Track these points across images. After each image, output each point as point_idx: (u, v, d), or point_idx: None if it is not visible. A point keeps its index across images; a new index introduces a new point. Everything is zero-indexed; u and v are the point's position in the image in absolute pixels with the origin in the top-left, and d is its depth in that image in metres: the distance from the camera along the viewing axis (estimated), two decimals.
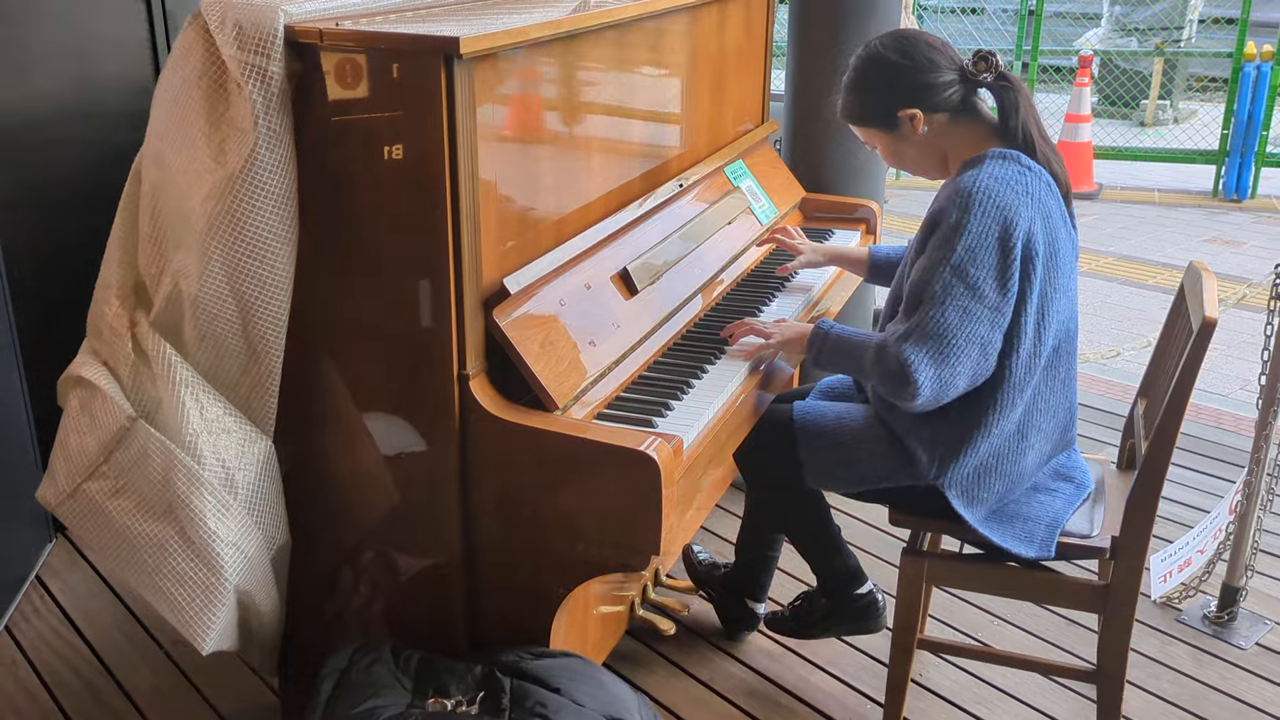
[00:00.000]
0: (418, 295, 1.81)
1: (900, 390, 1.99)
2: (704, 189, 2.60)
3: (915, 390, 1.96)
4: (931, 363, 1.95)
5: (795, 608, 2.55)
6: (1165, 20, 8.95)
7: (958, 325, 1.94)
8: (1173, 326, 2.32)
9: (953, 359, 1.95)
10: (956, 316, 1.94)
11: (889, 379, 2.00)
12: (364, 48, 1.71)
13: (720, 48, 2.70)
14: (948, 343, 1.94)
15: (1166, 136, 8.07)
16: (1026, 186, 1.96)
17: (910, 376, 1.95)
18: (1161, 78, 8.87)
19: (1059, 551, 2.15)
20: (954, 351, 1.95)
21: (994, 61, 2.03)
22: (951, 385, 1.97)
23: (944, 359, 1.95)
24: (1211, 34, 9.14)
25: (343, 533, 2.05)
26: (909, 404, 2.01)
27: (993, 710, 2.50)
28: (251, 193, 1.75)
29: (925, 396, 1.97)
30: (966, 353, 1.95)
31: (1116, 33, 9.17)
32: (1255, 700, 2.53)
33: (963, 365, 1.96)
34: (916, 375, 1.95)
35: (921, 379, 1.95)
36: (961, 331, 1.94)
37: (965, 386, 2.00)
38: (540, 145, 2.00)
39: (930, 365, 1.95)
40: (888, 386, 2.02)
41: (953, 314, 1.94)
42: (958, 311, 1.94)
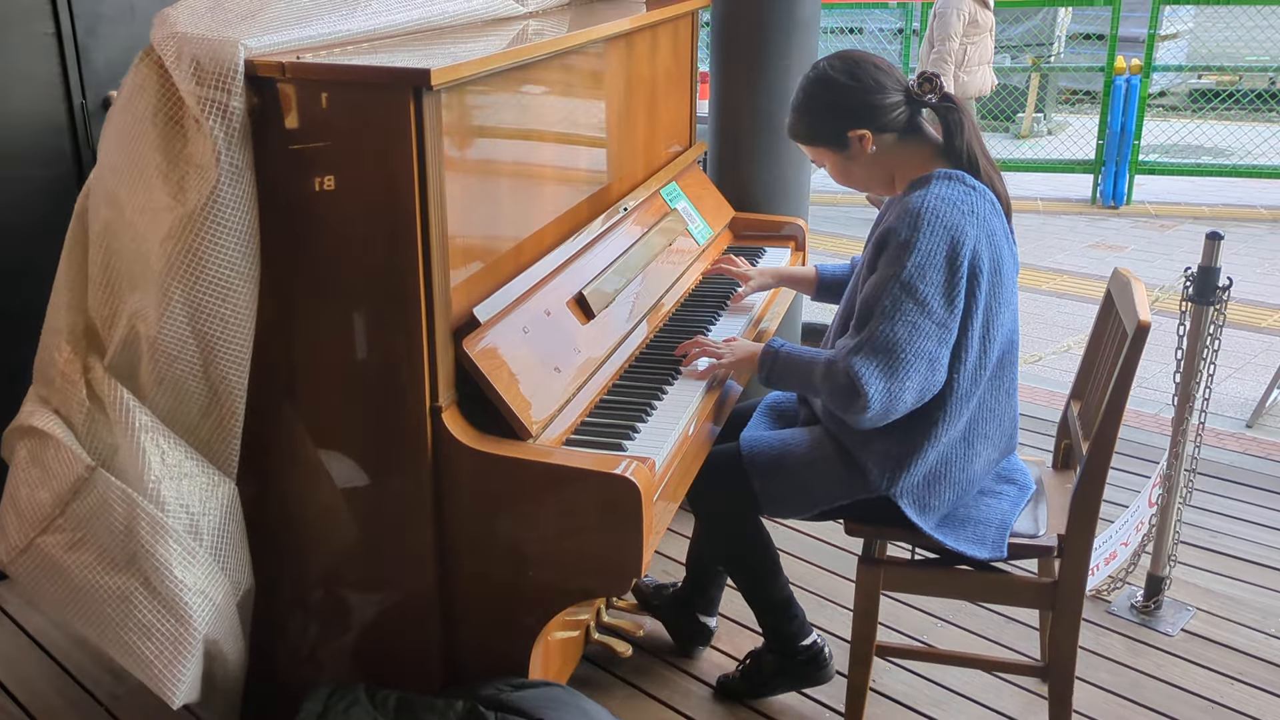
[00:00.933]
0: (387, 328, 1.79)
1: (850, 404, 2.03)
2: (644, 212, 2.63)
3: (865, 403, 2.00)
4: (881, 376, 2.00)
5: (745, 668, 2.58)
6: (1036, 37, 9.37)
7: (906, 340, 2.00)
8: (1102, 331, 2.43)
9: (901, 373, 2.00)
10: (905, 331, 2.00)
11: (838, 393, 2.05)
12: (330, 81, 1.69)
13: (653, 72, 2.74)
14: (896, 357, 2.00)
15: (1043, 148, 8.44)
16: (972, 206, 2.04)
17: (860, 389, 2.00)
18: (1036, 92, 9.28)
19: (1010, 552, 2.23)
20: (902, 365, 2.00)
21: (938, 83, 2.10)
22: (899, 399, 2.01)
23: (893, 373, 2.00)
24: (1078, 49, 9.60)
25: (310, 573, 2.01)
26: (858, 417, 2.05)
27: (947, 711, 2.56)
28: (214, 230, 1.71)
29: (874, 410, 2.01)
30: (915, 367, 2.01)
31: None
32: (1187, 684, 2.65)
33: (911, 380, 2.01)
34: (866, 388, 1.99)
35: (871, 392, 1.99)
36: (910, 346, 2.00)
37: (913, 401, 2.04)
38: (499, 173, 2.00)
39: (880, 379, 2.00)
40: (837, 401, 2.06)
41: (901, 329, 2.00)
42: (906, 326, 2.00)
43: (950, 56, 6.36)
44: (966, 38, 6.42)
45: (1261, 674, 2.67)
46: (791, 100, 2.21)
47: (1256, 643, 2.79)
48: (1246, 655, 2.75)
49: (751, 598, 2.51)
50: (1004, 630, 2.85)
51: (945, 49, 6.37)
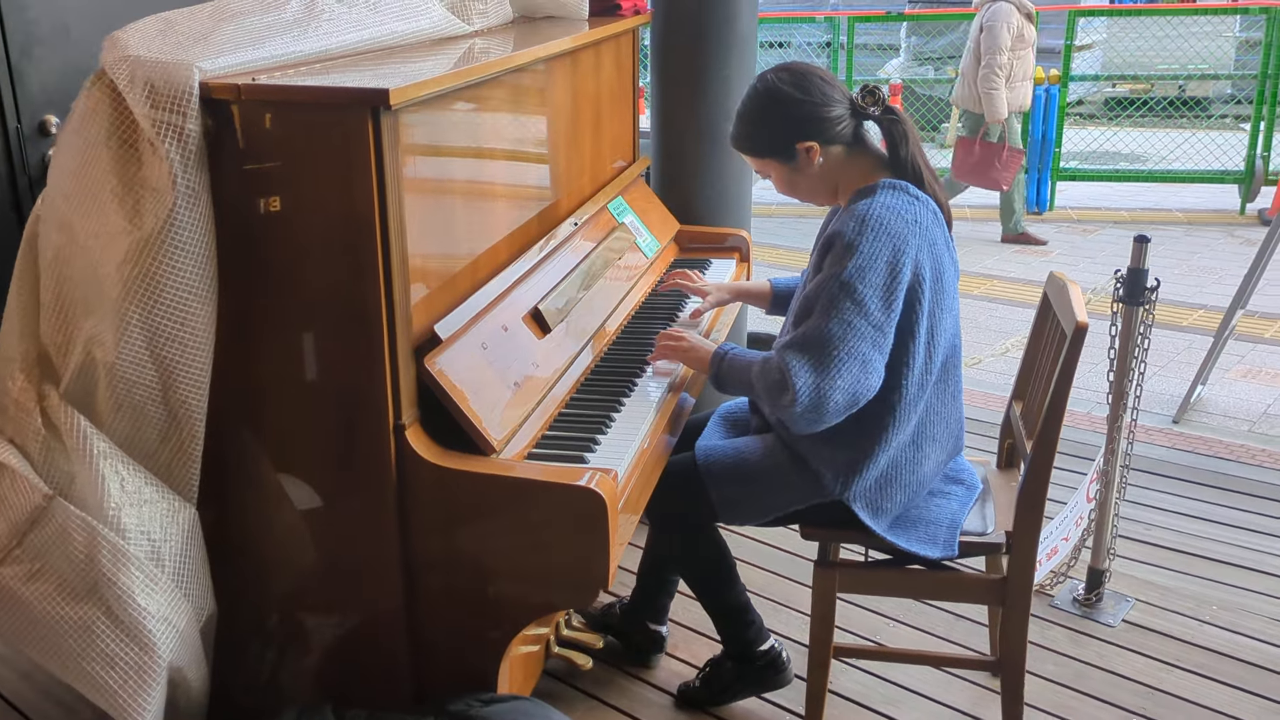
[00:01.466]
0: (349, 348, 1.79)
1: (779, 398, 2.04)
2: (593, 227, 2.66)
3: (793, 397, 2.01)
4: (810, 370, 2.01)
5: (704, 676, 2.60)
6: (958, 49, 9.59)
7: (840, 337, 2.02)
8: (1041, 333, 2.51)
9: (831, 369, 2.01)
10: (839, 329, 2.02)
11: (770, 388, 2.06)
12: (286, 101, 1.69)
13: (597, 88, 2.77)
14: (827, 353, 2.01)
15: None
16: (916, 215, 2.10)
17: (788, 383, 2.01)
18: None
19: (960, 550, 2.29)
20: (833, 362, 2.01)
21: (881, 95, 2.16)
22: (829, 398, 2.01)
23: (823, 369, 2.01)
24: None
25: (274, 595, 1.99)
26: (788, 413, 2.04)
27: (901, 708, 2.62)
28: (171, 253, 1.70)
29: (802, 405, 2.01)
30: (846, 366, 2.02)
31: (914, 62, 9.77)
32: (1129, 672, 2.74)
33: (841, 379, 2.01)
34: (795, 381, 2.00)
35: (799, 384, 2.00)
36: (843, 344, 2.02)
37: (844, 401, 2.03)
38: (454, 191, 2.02)
39: (809, 372, 2.01)
40: (769, 396, 2.07)
41: (836, 326, 2.02)
42: (841, 325, 2.02)
43: (1000, 70, 6.33)
44: (1013, 52, 6.42)
45: (1197, 659, 2.77)
46: (737, 111, 2.24)
47: (1192, 629, 2.90)
48: (1182, 642, 2.85)
49: (709, 605, 2.54)
50: (954, 627, 2.92)
51: (995, 61, 6.33)
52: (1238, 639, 2.85)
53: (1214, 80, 10.16)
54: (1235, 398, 4.52)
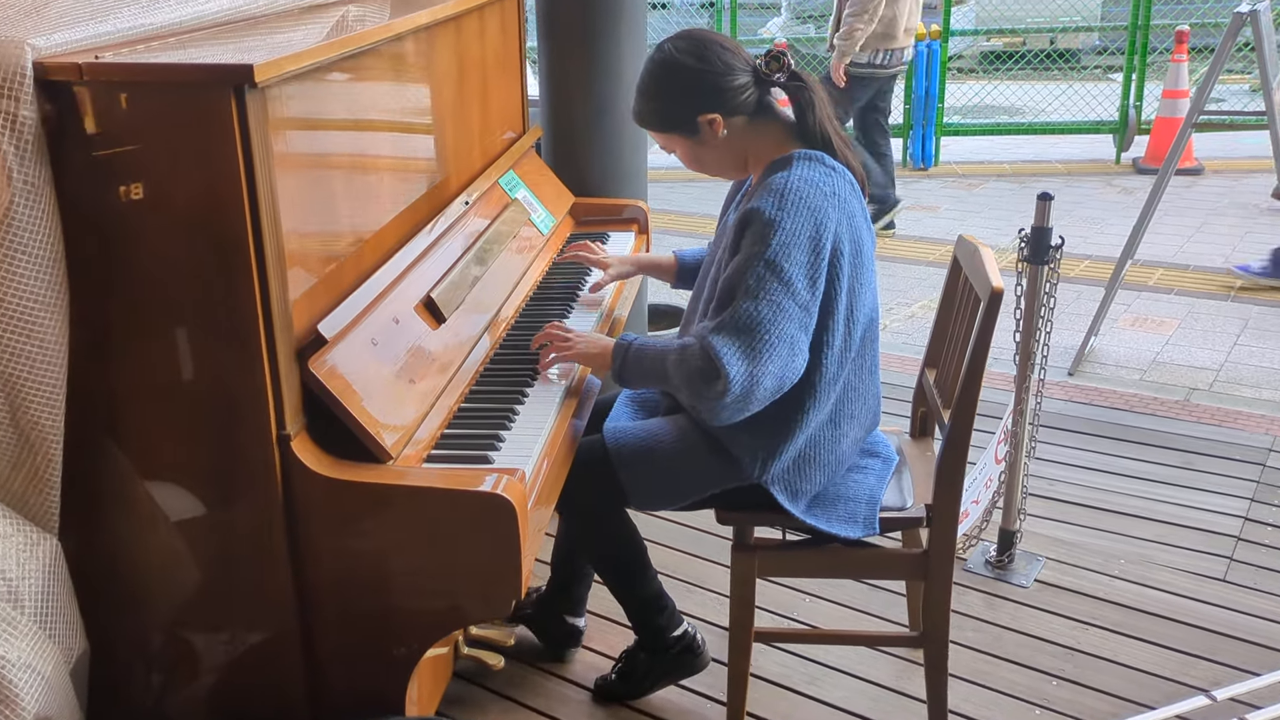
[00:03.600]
0: (223, 354, 1.62)
1: (706, 388, 1.93)
2: (485, 204, 2.50)
3: (725, 386, 1.90)
4: (743, 357, 1.91)
5: (620, 669, 2.51)
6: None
7: (770, 320, 1.92)
8: (952, 297, 2.46)
9: (764, 354, 1.91)
10: (769, 311, 1.92)
11: (695, 378, 1.94)
12: (137, 82, 1.50)
13: (483, 56, 2.61)
14: (759, 337, 1.91)
15: None
16: (833, 187, 2.00)
17: (720, 370, 1.90)
18: None
19: (881, 526, 2.23)
20: (766, 347, 1.92)
21: (786, 61, 2.05)
22: (760, 384, 1.92)
23: (755, 354, 1.91)
24: None
25: (152, 627, 1.82)
26: (716, 404, 1.93)
27: (823, 687, 2.56)
28: (10, 258, 1.50)
29: (734, 393, 1.91)
30: (777, 350, 1.93)
31: (795, 21, 9.73)
32: (1043, 633, 2.74)
33: (773, 364, 1.92)
34: (727, 369, 1.89)
35: (732, 373, 1.89)
36: (774, 327, 1.92)
37: (772, 388, 1.96)
38: (333, 173, 1.85)
39: (741, 359, 1.90)
40: (693, 386, 1.95)
41: (765, 308, 1.92)
42: (770, 306, 1.93)
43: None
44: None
45: (1111, 616, 2.79)
46: (637, 86, 2.12)
47: (1103, 585, 2.92)
48: (1096, 599, 2.86)
49: (620, 594, 2.44)
50: (871, 599, 2.88)
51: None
52: (1147, 592, 2.88)
53: (1083, 33, 10.40)
54: (1125, 347, 4.60)
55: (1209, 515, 3.22)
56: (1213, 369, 4.36)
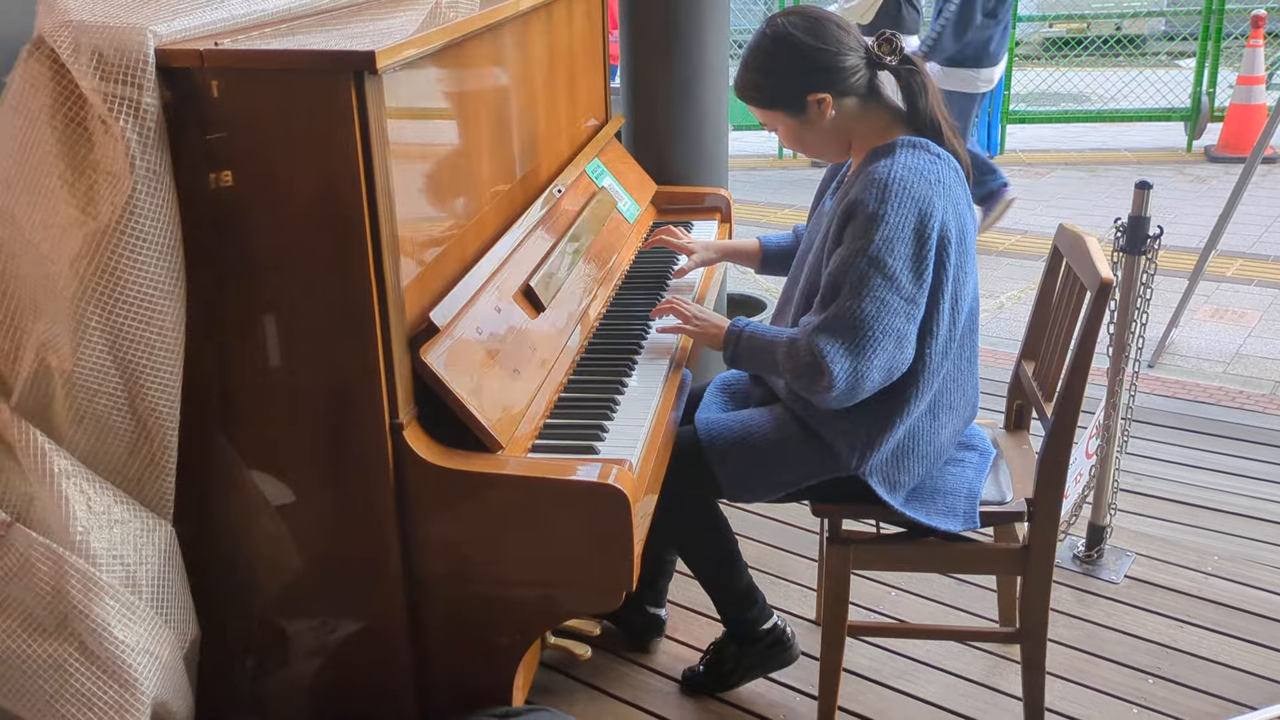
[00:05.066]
0: (337, 342, 1.61)
1: (814, 384, 1.95)
2: (574, 192, 2.48)
3: (830, 382, 1.92)
4: (847, 354, 1.91)
5: (708, 662, 2.48)
6: None
7: (874, 316, 1.91)
8: (1051, 288, 2.40)
9: (868, 351, 1.91)
10: (873, 308, 1.91)
11: (802, 373, 1.96)
12: (257, 69, 1.49)
13: (570, 43, 2.59)
14: (863, 334, 1.91)
15: None
16: (938, 175, 1.95)
17: (825, 368, 1.91)
18: None
19: (981, 520, 2.19)
20: (869, 343, 1.91)
21: (897, 44, 2.00)
22: (867, 378, 1.93)
23: (859, 351, 1.91)
24: None
25: (262, 612, 1.82)
26: (823, 397, 1.97)
27: (915, 682, 2.53)
28: (132, 245, 1.50)
29: (839, 389, 1.93)
30: (882, 345, 1.92)
31: None
32: (1138, 630, 2.68)
33: (878, 358, 1.92)
34: (832, 367, 1.91)
35: (836, 370, 1.91)
36: (878, 323, 1.91)
37: (880, 380, 1.96)
38: (437, 160, 1.84)
39: (845, 357, 1.91)
40: (801, 381, 1.97)
41: (869, 305, 1.91)
42: (874, 303, 1.91)
43: None
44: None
45: (1208, 614, 2.72)
46: (743, 58, 2.06)
47: (1197, 583, 2.85)
48: (1190, 596, 2.79)
49: (711, 587, 2.41)
50: (958, 593, 2.83)
51: None
52: (1245, 590, 2.81)
53: (1150, 18, 10.19)
54: (1206, 339, 4.49)
55: None
56: None
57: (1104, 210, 6.20)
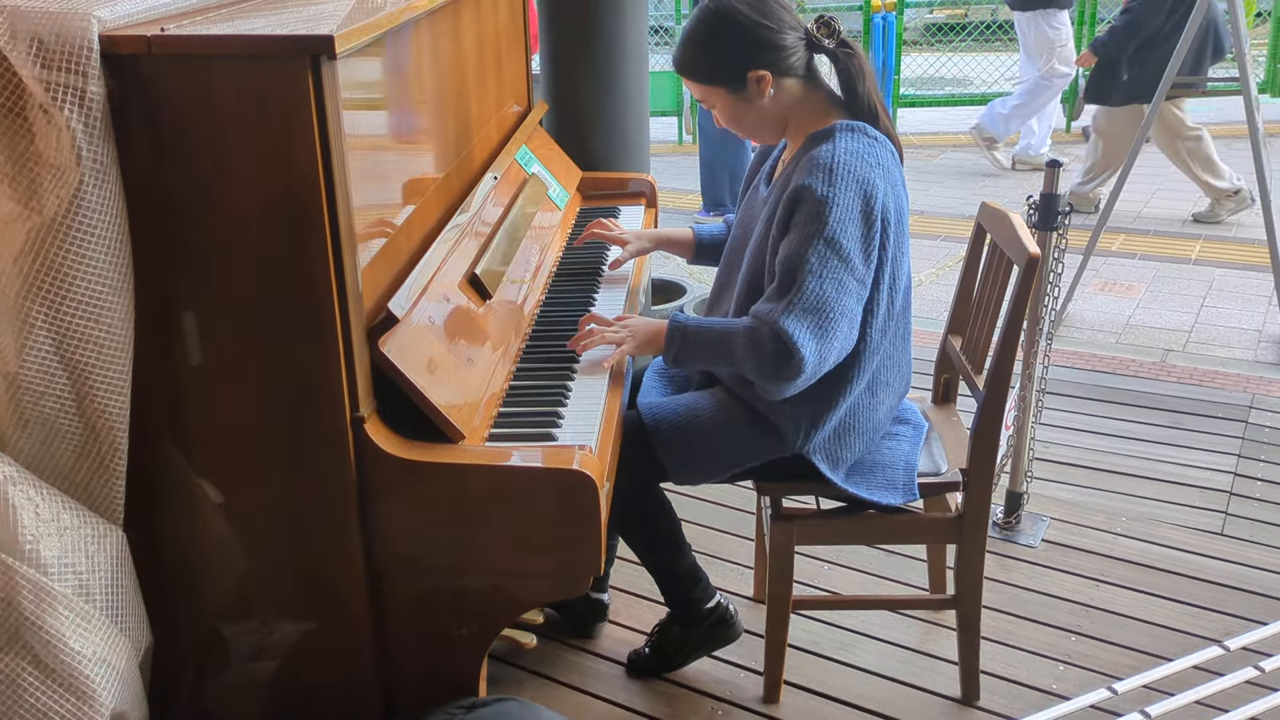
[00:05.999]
0: (296, 336, 1.58)
1: (780, 370, 1.95)
2: (506, 179, 2.46)
3: (800, 366, 1.92)
4: (814, 337, 1.93)
5: (654, 644, 2.50)
6: None
7: (835, 298, 1.94)
8: (976, 265, 2.49)
9: (830, 332, 1.94)
10: (834, 289, 1.94)
11: (767, 360, 1.95)
12: (207, 54, 1.44)
13: (496, 29, 2.56)
14: (826, 315, 1.93)
15: None
16: (877, 158, 2.00)
17: (794, 352, 1.92)
18: None
19: (920, 491, 2.25)
20: (832, 324, 1.94)
21: (836, 27, 2.04)
22: (827, 360, 1.97)
23: (824, 333, 1.94)
24: None
25: (214, 616, 1.77)
26: (786, 384, 1.97)
27: (854, 652, 2.59)
28: (79, 240, 1.44)
29: (806, 374, 1.94)
30: (840, 326, 1.96)
31: None
32: (1057, 591, 2.80)
33: (837, 339, 1.96)
34: (802, 350, 1.92)
35: (806, 354, 1.92)
36: (838, 304, 1.94)
37: (834, 362, 2.00)
38: (385, 147, 1.81)
39: (813, 339, 1.93)
40: (765, 368, 1.97)
41: (830, 286, 1.93)
42: (834, 284, 1.94)
43: None
44: None
45: (1120, 572, 2.86)
46: (684, 32, 2.06)
47: (1108, 543, 2.99)
48: (1103, 556, 2.93)
49: (656, 569, 2.43)
50: (887, 564, 2.92)
51: None
52: (1151, 548, 2.96)
53: None
54: (1098, 311, 4.70)
55: (1201, 472, 3.32)
56: (1184, 330, 4.48)
57: (992, 190, 6.42)
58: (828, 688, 2.48)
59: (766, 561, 2.37)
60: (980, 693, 2.41)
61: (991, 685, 2.46)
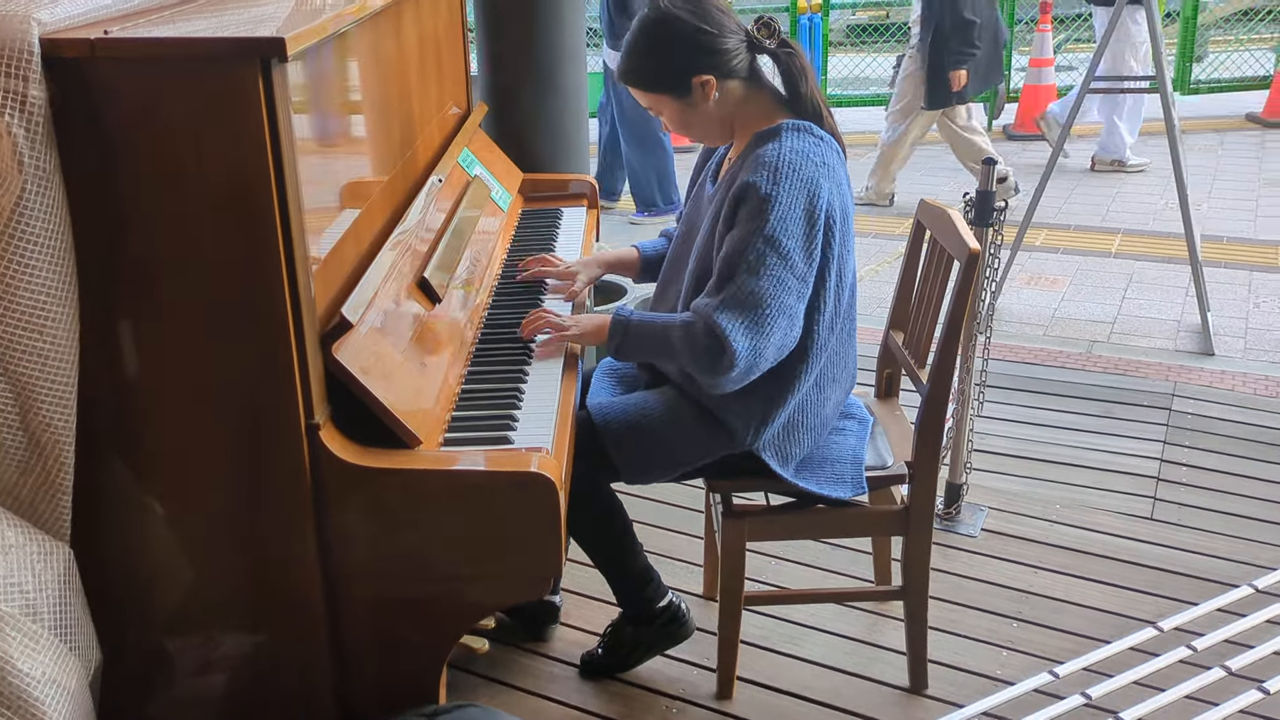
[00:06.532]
0: (248, 343, 1.55)
1: (714, 364, 1.98)
2: (450, 182, 2.45)
3: (732, 361, 1.96)
4: (747, 332, 1.96)
5: (606, 644, 2.50)
6: None
7: (772, 294, 1.96)
8: (916, 261, 2.53)
9: (766, 328, 1.97)
10: (771, 286, 1.96)
11: (701, 355, 1.99)
12: (154, 57, 1.41)
13: (436, 30, 2.54)
14: (762, 312, 1.96)
15: None
16: (822, 157, 2.03)
17: (726, 346, 1.95)
18: None
19: (868, 485, 2.29)
20: (768, 321, 1.97)
21: (776, 27, 2.06)
22: (763, 356, 1.99)
23: (758, 329, 1.96)
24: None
25: (169, 630, 1.73)
26: (722, 379, 2.00)
27: (803, 646, 2.62)
28: (21, 249, 1.40)
29: (740, 368, 1.97)
30: (778, 323, 1.98)
31: None
32: (998, 579, 2.86)
33: (774, 336, 1.98)
34: (734, 345, 1.95)
35: (738, 349, 1.95)
36: (775, 301, 1.97)
37: (773, 359, 2.02)
38: (333, 149, 1.78)
39: (745, 335, 1.96)
40: (700, 362, 2.00)
41: (766, 283, 1.96)
42: (771, 281, 1.97)
43: None
44: None
45: (1057, 559, 2.93)
46: (626, 42, 2.08)
47: (1044, 530, 3.06)
48: (1040, 543, 3.00)
49: (609, 569, 2.43)
50: (833, 558, 2.95)
51: None
52: (1086, 534, 3.04)
53: None
54: (1025, 304, 4.81)
55: (1129, 459, 3.42)
56: (1107, 322, 4.61)
57: (922, 187, 6.54)
58: (780, 681, 2.51)
59: (717, 559, 2.39)
60: (928, 681, 2.46)
61: (938, 673, 2.50)
